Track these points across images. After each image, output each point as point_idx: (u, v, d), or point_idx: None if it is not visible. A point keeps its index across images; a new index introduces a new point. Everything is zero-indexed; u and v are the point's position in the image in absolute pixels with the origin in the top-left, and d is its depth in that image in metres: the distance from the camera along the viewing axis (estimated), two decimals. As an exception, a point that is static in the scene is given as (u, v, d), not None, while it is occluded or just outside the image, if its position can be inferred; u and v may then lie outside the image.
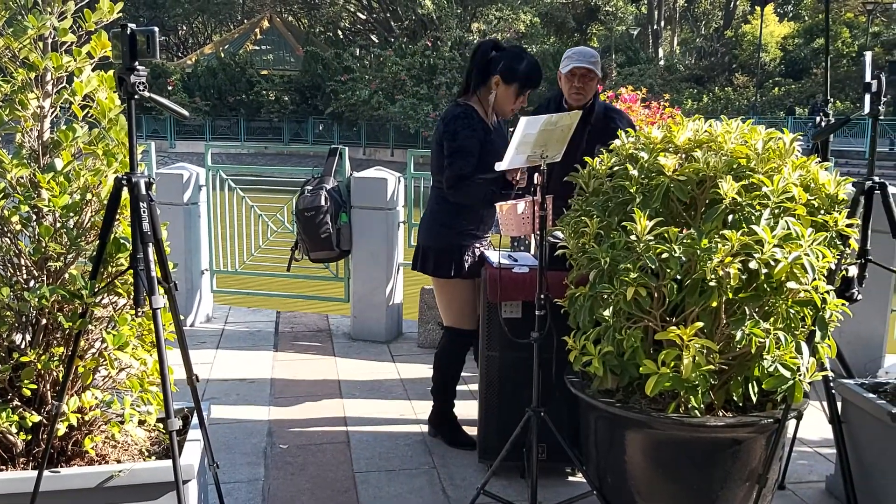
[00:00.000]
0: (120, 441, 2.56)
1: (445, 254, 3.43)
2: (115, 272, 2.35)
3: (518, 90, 3.35)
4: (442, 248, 3.44)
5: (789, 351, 2.42)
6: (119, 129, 2.38)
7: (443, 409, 3.67)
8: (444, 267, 3.44)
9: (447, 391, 3.62)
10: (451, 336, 3.57)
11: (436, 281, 3.52)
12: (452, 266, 3.42)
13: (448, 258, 3.43)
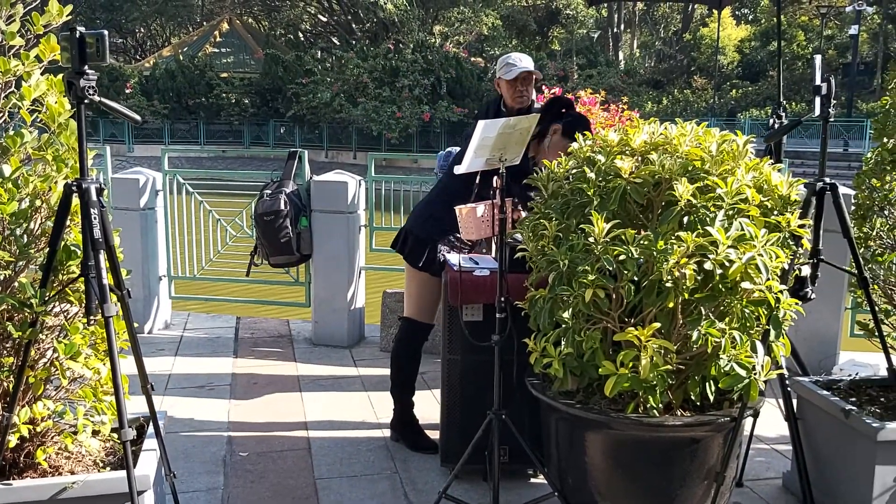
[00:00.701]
0: (73, 452, 2.52)
1: (424, 244, 3.46)
2: (66, 280, 2.30)
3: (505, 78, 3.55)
4: (423, 237, 3.48)
5: (744, 350, 2.46)
6: (69, 133, 2.33)
7: (403, 411, 3.66)
8: (417, 256, 3.47)
9: (405, 387, 3.63)
10: (406, 326, 3.60)
11: (407, 267, 3.56)
12: (425, 258, 3.45)
13: (424, 249, 3.46)
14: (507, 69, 3.68)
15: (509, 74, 3.64)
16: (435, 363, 4.75)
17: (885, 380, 3.11)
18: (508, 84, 3.69)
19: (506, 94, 3.74)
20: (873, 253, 3.15)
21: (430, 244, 3.46)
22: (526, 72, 3.65)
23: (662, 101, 33.80)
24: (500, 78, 3.72)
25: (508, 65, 3.68)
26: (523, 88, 3.67)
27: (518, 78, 3.65)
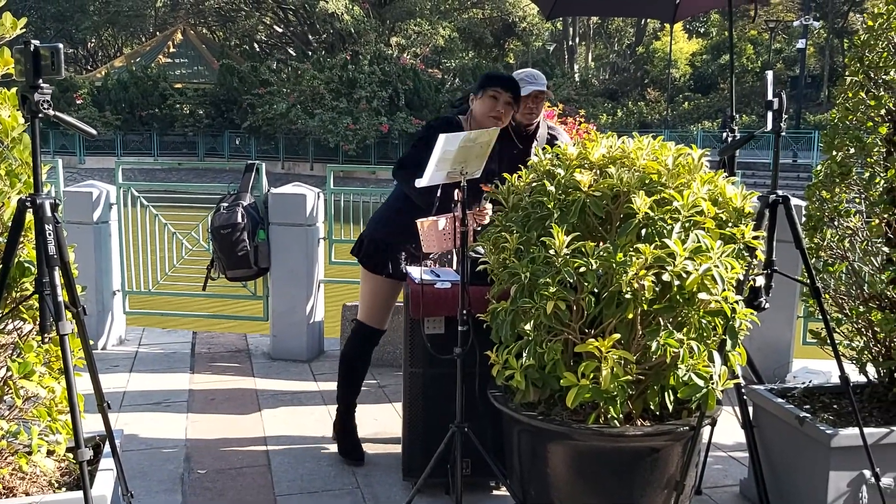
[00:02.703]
0: (28, 473, 2.45)
1: (378, 248, 3.47)
2: (20, 297, 2.25)
3: (483, 92, 3.33)
4: (377, 240, 3.48)
5: (702, 360, 2.50)
6: (23, 148, 2.28)
7: (346, 414, 3.67)
8: (371, 259, 3.48)
9: (350, 390, 3.64)
10: (356, 329, 3.60)
11: (362, 271, 3.55)
12: (378, 261, 3.45)
13: (378, 252, 3.46)
14: (521, 85, 3.71)
15: (523, 91, 3.69)
16: (396, 376, 4.75)
17: (838, 387, 3.19)
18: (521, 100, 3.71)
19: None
20: (824, 263, 3.23)
21: (383, 248, 3.46)
22: (538, 90, 3.74)
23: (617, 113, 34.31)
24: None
25: (523, 80, 3.72)
26: (534, 106, 3.76)
27: (529, 95, 3.72)
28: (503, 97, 3.31)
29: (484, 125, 3.29)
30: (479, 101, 3.34)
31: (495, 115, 3.31)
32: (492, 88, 3.31)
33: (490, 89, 3.31)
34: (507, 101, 3.32)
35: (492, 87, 3.31)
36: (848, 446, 2.78)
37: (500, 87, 3.31)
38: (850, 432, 2.78)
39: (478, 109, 3.35)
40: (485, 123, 3.29)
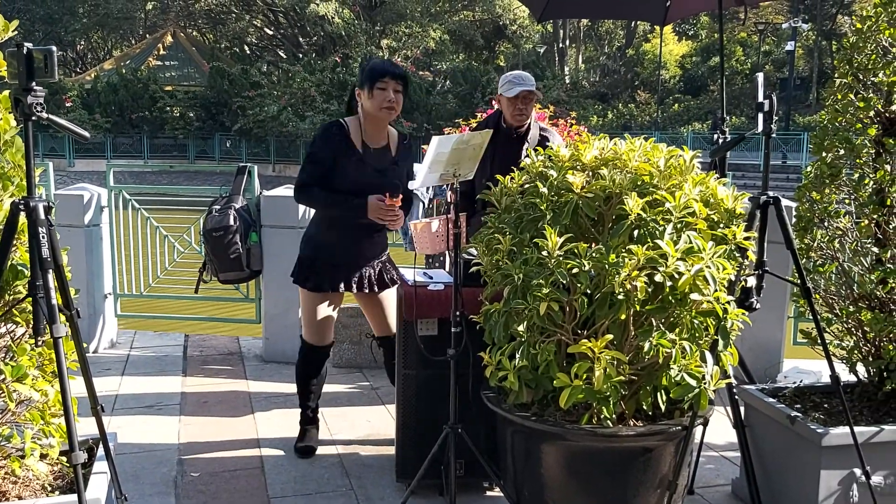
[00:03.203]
0: (21, 476, 2.44)
1: (301, 261, 3.50)
2: (13, 300, 2.25)
3: (371, 86, 3.28)
4: (301, 255, 3.51)
5: (694, 360, 2.52)
6: (15, 151, 2.28)
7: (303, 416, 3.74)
8: (295, 273, 3.51)
9: (302, 398, 3.69)
10: (301, 347, 3.65)
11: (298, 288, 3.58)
12: (300, 274, 3.48)
13: (300, 266, 3.49)
14: (508, 87, 3.84)
15: (510, 92, 3.81)
16: (386, 378, 4.75)
17: (828, 386, 3.21)
18: (509, 101, 3.86)
19: (505, 110, 3.92)
20: (814, 264, 3.25)
21: (309, 264, 3.47)
22: (527, 91, 3.80)
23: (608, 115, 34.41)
24: (502, 95, 3.87)
25: (510, 82, 3.83)
26: (523, 107, 3.85)
27: (519, 96, 3.81)
28: (391, 85, 3.27)
29: (378, 118, 3.33)
30: (368, 96, 3.29)
31: (388, 106, 3.28)
32: (380, 81, 3.27)
33: (378, 82, 3.27)
34: (395, 88, 3.29)
35: (379, 79, 3.27)
36: (839, 445, 2.80)
37: (387, 77, 3.27)
38: (841, 431, 2.80)
39: (369, 105, 3.31)
40: (380, 115, 3.31)
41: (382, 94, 3.27)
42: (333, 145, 3.33)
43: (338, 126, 3.38)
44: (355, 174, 3.31)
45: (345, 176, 3.31)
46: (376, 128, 3.41)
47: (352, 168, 3.31)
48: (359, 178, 3.30)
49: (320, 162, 3.34)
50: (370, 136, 3.40)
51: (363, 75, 3.35)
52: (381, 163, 3.39)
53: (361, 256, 3.48)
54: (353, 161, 3.33)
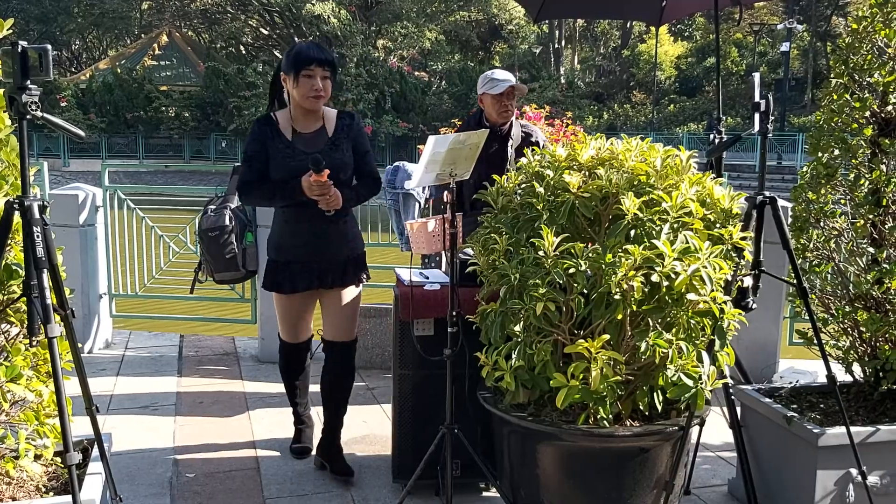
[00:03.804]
0: (15, 477, 2.43)
1: (269, 266, 3.42)
2: (7, 300, 2.23)
3: (296, 74, 3.12)
4: (268, 259, 3.44)
5: (691, 360, 2.51)
6: (10, 150, 2.27)
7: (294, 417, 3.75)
8: (266, 277, 3.43)
9: (289, 394, 3.71)
10: (280, 345, 3.65)
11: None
12: (270, 278, 3.40)
13: (267, 270, 3.43)
14: (491, 84, 3.87)
15: (495, 90, 3.85)
16: (385, 378, 4.75)
17: (824, 386, 3.21)
18: (494, 99, 3.90)
19: (490, 108, 3.95)
20: (811, 264, 3.25)
21: (273, 267, 3.39)
22: (511, 87, 3.85)
23: (603, 116, 34.45)
24: (485, 93, 3.90)
25: (493, 80, 3.87)
26: (508, 103, 3.90)
27: (504, 93, 3.85)
28: (318, 73, 3.12)
29: (306, 106, 3.18)
30: (295, 84, 3.14)
31: (314, 94, 3.13)
32: (305, 68, 3.10)
33: (304, 69, 3.10)
34: (323, 75, 3.14)
35: (305, 66, 3.10)
36: (835, 445, 2.80)
37: (314, 64, 3.10)
38: (837, 431, 2.80)
39: (296, 93, 3.16)
40: (306, 105, 3.17)
41: (309, 81, 3.11)
42: (263, 139, 3.22)
43: (266, 119, 3.28)
44: (285, 162, 3.18)
45: (277, 166, 3.19)
46: (307, 114, 3.26)
47: (281, 157, 3.19)
48: (290, 166, 3.16)
49: (253, 158, 3.24)
50: (301, 123, 3.27)
51: (287, 60, 3.15)
52: (313, 146, 3.22)
53: (325, 253, 3.33)
54: (282, 150, 3.21)
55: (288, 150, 3.20)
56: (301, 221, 3.28)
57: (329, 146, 3.24)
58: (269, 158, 3.21)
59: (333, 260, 3.34)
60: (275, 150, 3.20)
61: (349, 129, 3.31)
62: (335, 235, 3.33)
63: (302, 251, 3.32)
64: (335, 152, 3.23)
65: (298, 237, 3.31)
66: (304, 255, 3.32)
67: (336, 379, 3.48)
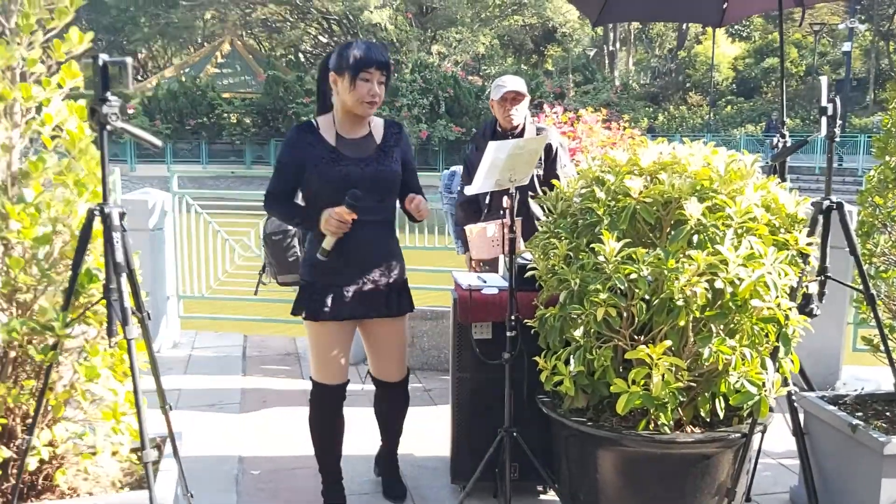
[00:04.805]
0: (91, 473, 2.53)
1: (303, 290, 3.01)
2: (87, 303, 2.33)
3: (353, 76, 2.82)
4: (302, 283, 3.04)
5: (755, 367, 2.49)
6: (89, 158, 2.37)
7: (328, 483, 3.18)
8: (299, 304, 3.02)
9: (324, 457, 3.15)
10: (311, 390, 3.10)
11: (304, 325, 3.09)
12: (307, 305, 2.97)
13: (305, 296, 3.00)
14: (495, 90, 3.93)
15: (496, 94, 3.87)
16: (441, 380, 4.79)
17: (891, 394, 3.14)
18: (497, 104, 3.92)
19: (497, 114, 3.97)
20: (877, 269, 3.19)
21: (310, 290, 2.98)
22: (511, 92, 3.85)
23: (658, 118, 34.01)
24: (491, 99, 3.96)
25: (497, 86, 3.93)
26: (511, 107, 3.88)
27: (506, 98, 3.86)
28: (376, 76, 2.85)
29: (358, 112, 2.89)
30: (351, 87, 2.83)
31: (371, 100, 2.85)
32: (365, 71, 2.81)
33: (363, 72, 2.81)
34: (380, 80, 2.86)
35: (365, 69, 2.81)
36: (902, 454, 2.74)
37: (373, 67, 2.82)
38: (905, 440, 2.74)
39: (348, 97, 2.85)
40: (358, 110, 2.87)
41: (366, 85, 2.83)
42: (300, 148, 2.91)
43: (306, 126, 2.97)
44: (328, 168, 2.86)
45: (318, 176, 2.87)
46: (355, 119, 2.95)
47: (325, 163, 2.87)
48: (333, 172, 2.86)
49: (284, 169, 2.95)
50: (346, 128, 2.96)
51: (342, 60, 2.83)
52: (361, 152, 2.93)
53: (370, 276, 2.97)
54: (326, 155, 2.89)
55: (333, 154, 2.89)
56: (344, 238, 2.85)
57: (378, 153, 2.97)
58: (303, 169, 2.90)
59: (379, 284, 2.99)
60: (316, 159, 2.89)
61: (398, 139, 3.04)
62: (382, 256, 3.00)
63: (344, 272, 2.94)
64: (385, 160, 2.96)
65: (341, 256, 2.89)
66: (347, 278, 2.95)
67: (393, 412, 3.28)
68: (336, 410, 3.09)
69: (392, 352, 3.13)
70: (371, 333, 3.11)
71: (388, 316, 3.03)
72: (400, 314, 3.07)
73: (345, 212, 2.74)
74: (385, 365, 3.15)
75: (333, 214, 2.75)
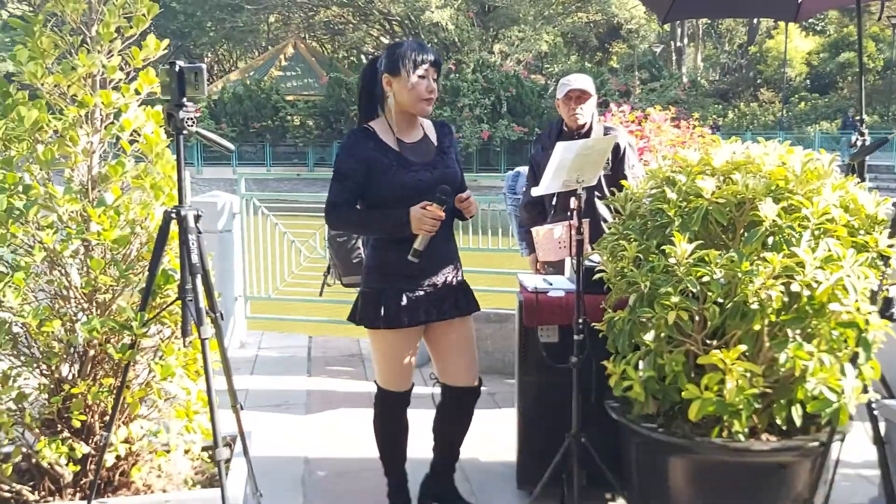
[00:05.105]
0: (164, 471, 2.59)
1: (369, 298, 2.90)
2: (163, 303, 2.39)
3: (410, 73, 2.75)
4: (366, 291, 2.94)
5: (833, 373, 2.41)
6: (165, 162, 2.43)
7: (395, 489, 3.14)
8: (366, 313, 2.91)
9: (391, 463, 3.12)
10: (376, 395, 3.07)
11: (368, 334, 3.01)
12: (373, 313, 2.87)
13: (363, 302, 2.92)
14: (560, 88, 3.85)
15: (560, 93, 3.80)
16: (505, 384, 4.77)
17: (980, 404, 3.00)
18: (563, 103, 3.84)
19: (562, 112, 3.89)
20: (965, 272, 3.04)
21: (377, 297, 2.88)
22: (575, 90, 3.76)
23: (728, 115, 33.27)
24: (557, 97, 3.89)
25: (562, 84, 3.84)
26: (576, 106, 3.78)
27: (570, 97, 3.77)
28: (432, 73, 2.78)
29: (415, 111, 2.82)
30: (405, 86, 2.76)
31: (428, 97, 2.79)
32: (420, 67, 2.74)
33: (419, 68, 2.74)
34: (434, 76, 2.79)
35: (421, 66, 2.74)
36: None
37: (428, 64, 2.76)
38: None
39: (405, 96, 2.77)
40: (416, 109, 2.81)
41: (424, 83, 2.76)
42: (363, 154, 2.80)
43: (363, 131, 2.86)
44: (398, 177, 2.77)
45: (388, 183, 2.77)
46: (410, 122, 2.88)
47: (393, 171, 2.77)
48: (403, 180, 2.77)
49: (348, 176, 2.81)
50: (404, 132, 2.87)
51: (395, 60, 2.76)
52: (425, 156, 2.87)
53: (438, 277, 2.91)
54: (393, 162, 2.79)
55: (400, 160, 2.80)
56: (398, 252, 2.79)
57: (439, 156, 2.91)
58: (368, 175, 2.80)
59: (446, 285, 2.94)
60: (384, 165, 2.78)
61: (451, 140, 2.99)
62: (447, 257, 2.95)
63: (416, 276, 2.86)
64: (446, 162, 2.91)
65: (406, 263, 2.77)
66: (417, 281, 2.87)
67: (458, 422, 3.15)
68: (401, 415, 3.08)
69: (464, 352, 3.05)
70: (440, 336, 3.03)
71: (459, 315, 2.98)
72: (469, 312, 3.02)
73: (438, 209, 2.68)
74: (457, 368, 3.06)
75: (426, 213, 2.68)
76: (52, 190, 2.34)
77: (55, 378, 2.41)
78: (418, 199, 2.72)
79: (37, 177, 2.38)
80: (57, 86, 2.37)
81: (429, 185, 2.76)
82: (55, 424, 2.42)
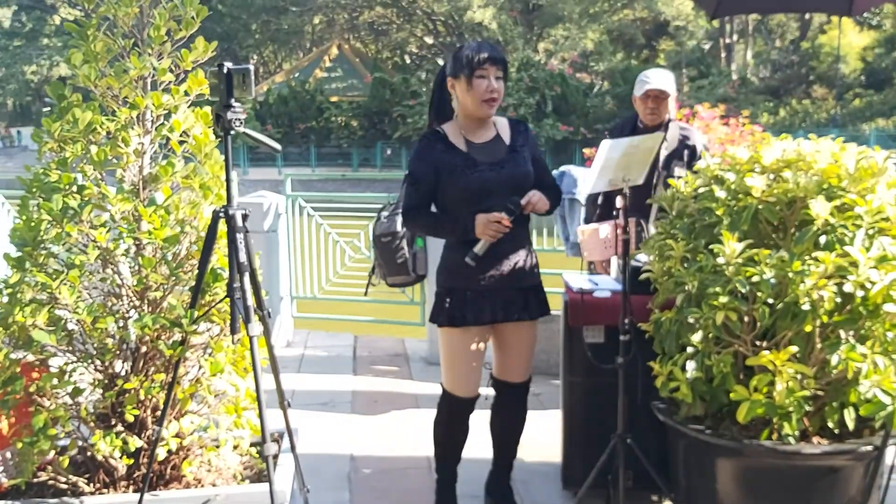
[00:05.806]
0: (214, 465, 2.64)
1: (439, 297, 2.95)
2: (212, 301, 2.43)
3: (469, 76, 2.77)
4: (438, 290, 2.97)
5: (888, 375, 2.35)
6: (213, 162, 2.47)
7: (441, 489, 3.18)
8: (435, 312, 2.96)
9: (445, 466, 3.17)
10: (441, 399, 3.11)
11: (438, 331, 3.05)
12: (441, 311, 2.92)
13: (439, 301, 2.94)
14: (638, 85, 3.73)
15: (638, 90, 3.70)
16: (550, 384, 4.74)
17: None
18: (640, 101, 3.75)
19: (639, 110, 3.80)
20: None
21: (445, 296, 2.92)
22: (654, 90, 3.67)
23: (779, 112, 32.62)
24: (634, 95, 3.78)
25: (641, 81, 3.72)
26: (654, 106, 3.69)
27: (649, 95, 3.68)
28: (492, 72, 2.78)
29: (479, 114, 2.85)
30: (466, 87, 2.79)
31: (489, 97, 2.79)
32: (479, 68, 2.76)
33: (478, 70, 2.76)
34: (497, 75, 2.79)
35: (479, 66, 2.75)
36: None
37: (487, 63, 2.76)
38: None
39: (467, 98, 2.80)
40: (479, 111, 2.83)
41: (483, 82, 2.77)
42: (432, 156, 2.86)
43: (433, 134, 2.92)
44: (466, 177, 2.80)
45: (455, 183, 2.82)
46: (479, 123, 2.91)
47: (460, 172, 2.81)
48: (471, 179, 2.80)
49: (419, 180, 2.88)
50: (473, 133, 2.90)
51: (456, 63, 2.80)
52: (494, 156, 2.87)
53: (509, 278, 2.91)
54: (460, 164, 2.83)
55: (467, 161, 2.83)
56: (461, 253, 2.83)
57: (510, 155, 2.90)
58: (437, 179, 2.86)
59: (517, 287, 2.93)
60: (450, 166, 2.83)
61: (526, 138, 2.97)
62: (519, 260, 2.93)
63: (485, 276, 2.87)
64: (517, 160, 2.90)
65: (480, 259, 2.82)
66: (487, 281, 2.88)
67: (514, 418, 3.19)
68: (464, 421, 3.10)
69: (522, 353, 3.07)
70: (507, 336, 3.03)
71: (529, 318, 2.98)
72: (539, 316, 3.01)
73: (505, 218, 2.72)
74: (512, 366, 3.09)
75: (492, 220, 2.73)
76: (104, 190, 2.40)
77: (109, 373, 2.48)
78: (485, 197, 2.78)
79: (90, 177, 2.44)
80: (109, 88, 2.43)
81: (495, 184, 2.80)
82: (109, 419, 2.48)
